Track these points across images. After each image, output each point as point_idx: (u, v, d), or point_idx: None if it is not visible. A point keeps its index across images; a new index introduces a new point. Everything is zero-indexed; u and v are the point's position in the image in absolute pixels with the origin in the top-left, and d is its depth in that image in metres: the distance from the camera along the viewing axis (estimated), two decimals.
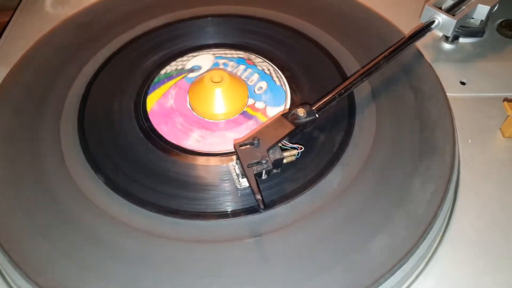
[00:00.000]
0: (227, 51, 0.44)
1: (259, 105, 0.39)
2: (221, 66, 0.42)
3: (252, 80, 0.41)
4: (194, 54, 0.44)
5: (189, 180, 0.34)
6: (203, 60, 0.43)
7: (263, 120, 0.38)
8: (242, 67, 0.42)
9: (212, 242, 0.31)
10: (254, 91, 0.40)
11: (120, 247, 0.31)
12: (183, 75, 0.42)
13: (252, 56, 0.43)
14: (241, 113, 0.39)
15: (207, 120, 0.39)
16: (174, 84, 0.41)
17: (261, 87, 0.40)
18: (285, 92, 0.40)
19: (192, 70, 0.42)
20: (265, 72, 0.42)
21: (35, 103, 0.40)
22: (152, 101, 0.40)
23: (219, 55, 0.43)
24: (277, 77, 0.41)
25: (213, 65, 0.43)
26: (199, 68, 0.43)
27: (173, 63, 0.43)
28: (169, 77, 0.42)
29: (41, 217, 0.32)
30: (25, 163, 0.36)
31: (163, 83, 0.41)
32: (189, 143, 0.37)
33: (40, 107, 0.40)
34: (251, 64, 0.42)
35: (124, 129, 0.38)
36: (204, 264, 0.30)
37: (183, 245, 0.31)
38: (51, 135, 0.37)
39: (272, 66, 0.42)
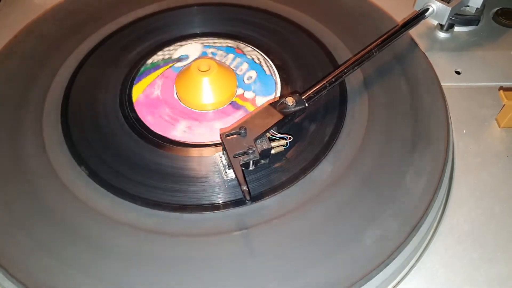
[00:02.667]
0: (216, 40, 0.43)
1: (248, 95, 0.38)
2: (209, 55, 0.41)
3: (242, 69, 0.40)
4: (182, 43, 0.43)
5: (175, 172, 0.33)
6: (190, 49, 0.42)
7: (251, 110, 0.37)
8: (231, 56, 0.41)
9: (197, 235, 0.30)
10: (244, 81, 0.39)
11: (104, 242, 0.30)
12: (170, 65, 0.41)
13: (242, 45, 0.42)
14: (229, 104, 0.38)
15: (194, 110, 0.38)
16: (160, 74, 0.40)
17: (251, 77, 0.39)
18: (275, 81, 0.39)
19: (179, 59, 0.41)
20: (255, 61, 0.40)
21: (18, 92, 0.39)
22: (138, 92, 0.39)
23: (207, 44, 0.42)
24: (267, 66, 0.40)
25: (201, 54, 0.42)
26: (187, 57, 0.41)
27: (160, 52, 0.42)
28: (155, 66, 0.41)
29: (23, 212, 0.31)
30: (6, 155, 0.34)
31: (149, 73, 0.40)
32: (176, 134, 0.36)
33: (22, 97, 0.38)
34: (240, 53, 0.41)
35: (108, 120, 0.37)
36: (190, 258, 0.29)
37: (168, 238, 0.30)
38: (33, 126, 0.36)
39: (262, 55, 0.41)
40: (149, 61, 0.41)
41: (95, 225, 0.30)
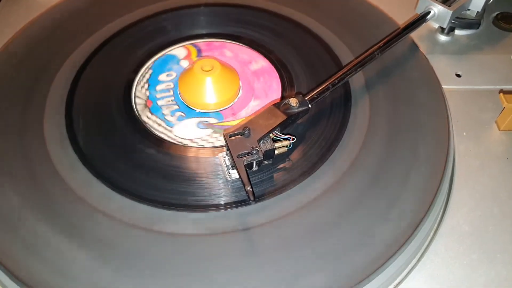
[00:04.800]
0: None
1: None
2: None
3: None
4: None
5: (178, 172, 0.33)
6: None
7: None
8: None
9: (201, 235, 0.30)
10: None
11: (107, 240, 0.30)
12: None
13: None
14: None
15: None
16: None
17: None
18: None
19: None
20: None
21: (22, 89, 0.39)
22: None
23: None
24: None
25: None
26: None
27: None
28: None
29: (27, 211, 0.31)
30: (10, 154, 0.34)
31: None
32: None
33: (26, 94, 0.38)
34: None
35: (114, 120, 0.37)
36: (193, 257, 0.29)
37: (171, 238, 0.30)
38: (36, 122, 0.36)
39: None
40: None
41: (97, 224, 0.30)
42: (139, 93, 0.39)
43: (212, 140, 0.36)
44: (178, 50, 0.43)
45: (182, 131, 0.36)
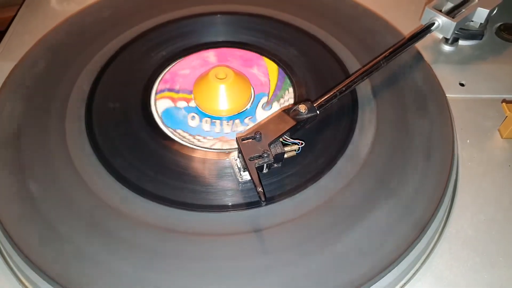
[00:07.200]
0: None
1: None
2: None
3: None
4: None
5: (192, 173, 0.34)
6: None
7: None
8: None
9: (213, 235, 0.31)
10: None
11: (123, 239, 0.31)
12: None
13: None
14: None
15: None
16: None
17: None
18: None
19: None
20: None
21: (42, 97, 0.40)
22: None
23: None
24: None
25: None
26: None
27: None
28: None
29: (48, 209, 0.32)
30: (32, 154, 0.36)
31: None
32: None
33: (47, 102, 0.40)
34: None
35: (132, 122, 0.38)
36: (205, 257, 0.30)
37: (184, 237, 0.31)
38: (57, 129, 0.38)
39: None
40: None
41: (114, 222, 0.32)
42: None
43: None
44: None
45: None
